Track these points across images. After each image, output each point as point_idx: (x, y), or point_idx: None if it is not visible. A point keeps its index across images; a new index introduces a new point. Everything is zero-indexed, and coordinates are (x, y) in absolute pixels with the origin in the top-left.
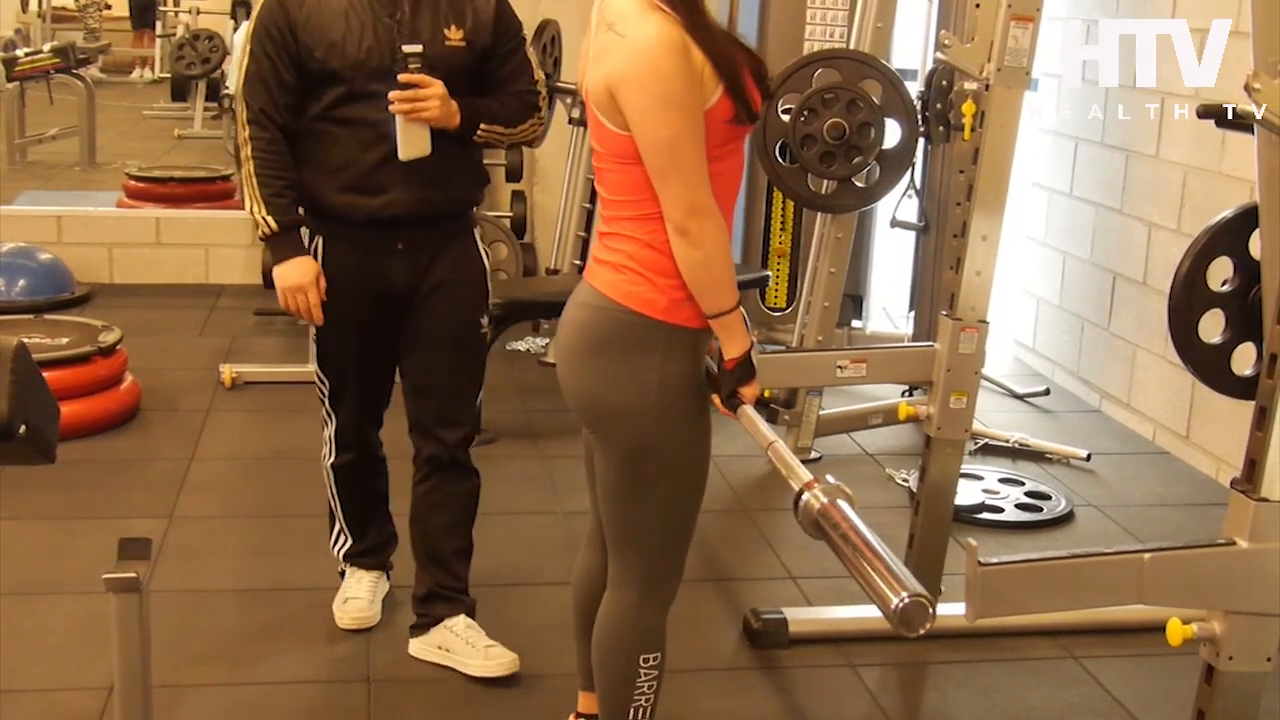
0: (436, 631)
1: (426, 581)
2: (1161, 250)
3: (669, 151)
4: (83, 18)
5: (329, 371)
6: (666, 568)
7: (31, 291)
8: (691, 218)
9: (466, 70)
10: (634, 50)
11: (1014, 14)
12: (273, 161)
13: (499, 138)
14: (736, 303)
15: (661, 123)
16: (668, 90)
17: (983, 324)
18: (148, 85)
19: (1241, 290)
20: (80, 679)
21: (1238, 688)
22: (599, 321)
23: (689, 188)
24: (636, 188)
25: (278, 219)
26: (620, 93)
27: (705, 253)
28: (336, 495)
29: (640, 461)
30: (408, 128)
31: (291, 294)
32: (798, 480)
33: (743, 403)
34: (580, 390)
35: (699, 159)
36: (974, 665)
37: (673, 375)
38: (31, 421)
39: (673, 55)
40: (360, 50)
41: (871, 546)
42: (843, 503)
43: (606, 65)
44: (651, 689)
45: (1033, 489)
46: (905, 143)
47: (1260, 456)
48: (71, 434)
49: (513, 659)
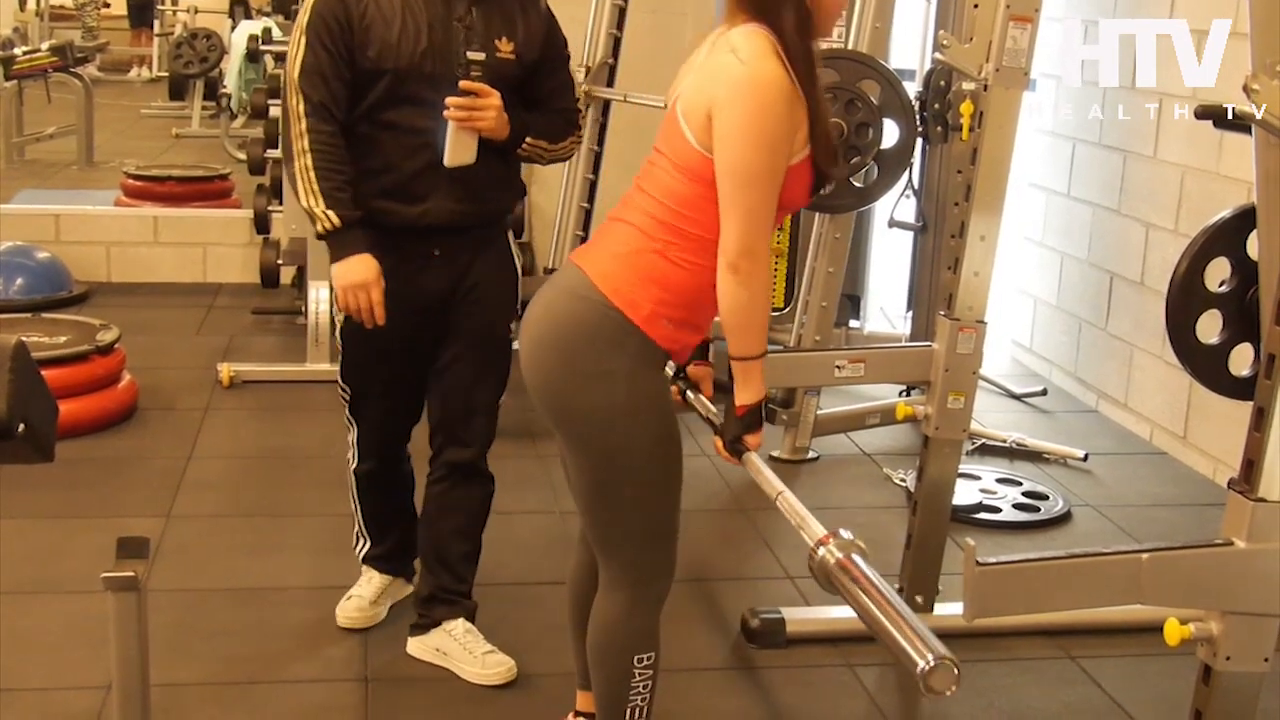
0: (436, 634)
1: (430, 582)
2: (1159, 251)
3: (747, 186)
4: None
5: (350, 380)
6: (654, 568)
7: (29, 290)
8: (745, 257)
9: (513, 83)
10: (751, 81)
11: (1012, 14)
12: (333, 155)
13: (541, 153)
14: (764, 351)
15: (751, 156)
16: (768, 129)
17: (980, 324)
18: (145, 84)
19: (1239, 291)
20: (78, 678)
21: (1235, 688)
22: (582, 313)
23: (753, 226)
24: (685, 202)
25: (340, 213)
26: (722, 115)
27: (751, 294)
28: (357, 500)
29: (611, 467)
30: (459, 135)
31: (353, 291)
32: (811, 535)
33: (748, 450)
34: (547, 380)
35: (770, 203)
36: (971, 665)
37: (640, 378)
38: (30, 420)
39: (784, 100)
40: (415, 53)
41: (894, 605)
42: (859, 558)
43: (717, 86)
44: (647, 688)
45: (1030, 489)
46: (903, 143)
47: (1258, 457)
48: (70, 433)
49: (509, 667)
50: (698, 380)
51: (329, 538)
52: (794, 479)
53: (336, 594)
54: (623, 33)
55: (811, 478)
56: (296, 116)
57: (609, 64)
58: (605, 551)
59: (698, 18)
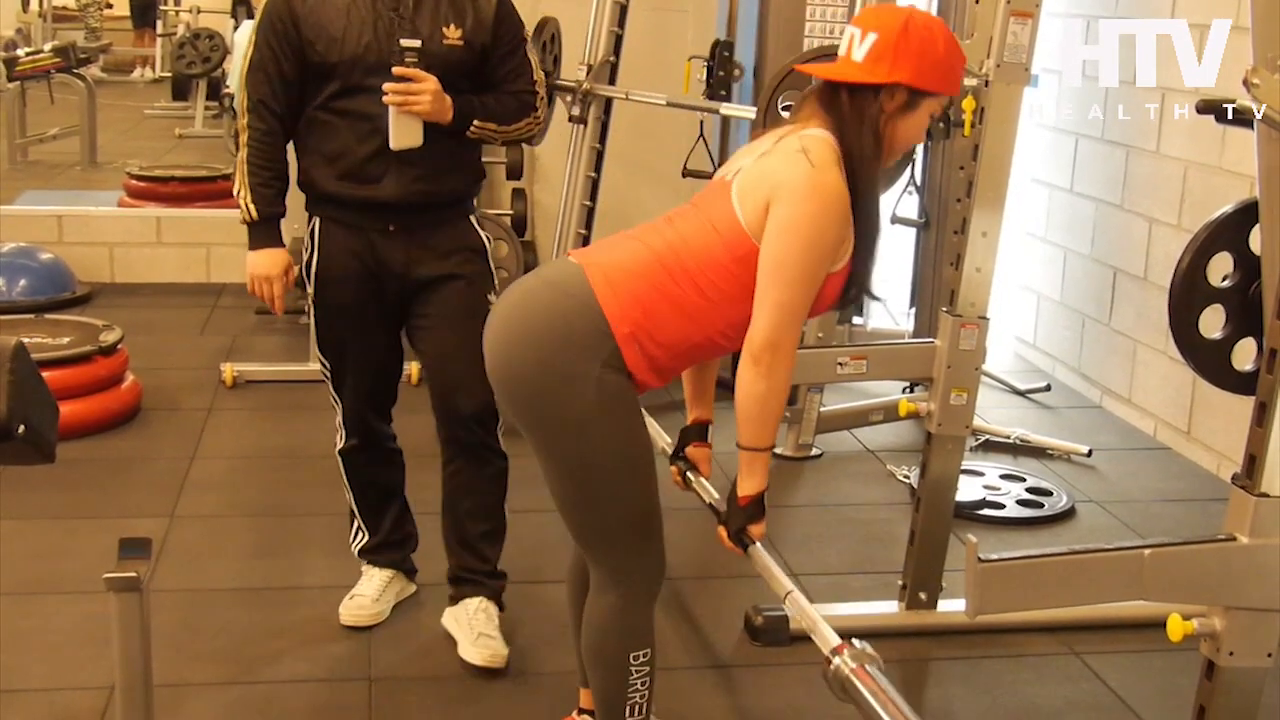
0: (459, 607)
1: (454, 563)
2: (1162, 246)
3: (788, 281)
4: (83, 17)
5: (328, 354)
6: (641, 565)
7: (33, 291)
8: (770, 350)
9: (464, 68)
10: (817, 185)
11: (1013, 10)
12: (266, 152)
13: (492, 135)
14: (772, 445)
15: (799, 255)
16: (821, 234)
17: (983, 320)
18: (148, 84)
19: (1242, 285)
20: (81, 679)
21: (1238, 683)
22: (566, 310)
23: (783, 322)
24: (711, 264)
25: (260, 208)
26: (780, 206)
27: (769, 388)
28: (349, 483)
29: (583, 471)
30: (400, 119)
31: (260, 282)
32: (825, 644)
33: (752, 542)
34: (515, 372)
35: (804, 304)
36: (975, 661)
37: (608, 382)
38: (30, 421)
39: (840, 210)
40: (359, 45)
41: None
42: (873, 669)
43: (782, 177)
44: (644, 685)
45: (1034, 485)
46: None
47: (1260, 452)
48: (72, 433)
49: (495, 653)
50: (696, 462)
51: (332, 537)
52: (798, 476)
53: (340, 593)
54: (624, 31)
55: (815, 474)
56: (240, 112)
57: (610, 62)
58: (589, 553)
59: (699, 16)
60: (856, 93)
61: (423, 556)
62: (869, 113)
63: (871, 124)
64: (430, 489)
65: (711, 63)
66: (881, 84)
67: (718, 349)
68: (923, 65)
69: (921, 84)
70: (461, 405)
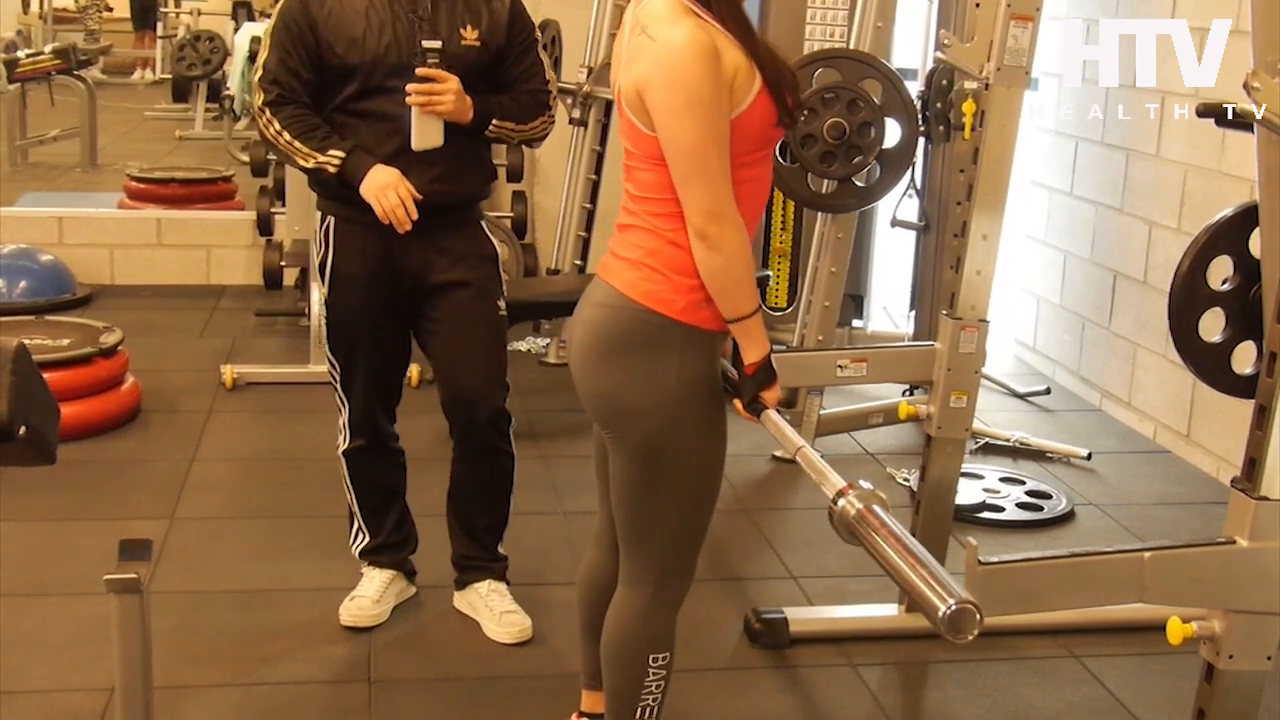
0: (469, 591)
1: (459, 550)
2: (1162, 249)
3: (693, 155)
4: (84, 19)
5: (338, 354)
6: (679, 567)
7: (33, 293)
8: (712, 222)
9: (480, 69)
10: (663, 54)
11: (1013, 13)
12: (305, 120)
13: (510, 134)
14: (757, 307)
15: (686, 127)
16: (694, 95)
17: (983, 323)
18: (149, 86)
19: (1242, 289)
20: (81, 680)
21: (1238, 686)
22: (616, 320)
23: (711, 192)
24: (665, 187)
25: (338, 149)
26: (648, 95)
27: (725, 256)
28: (350, 484)
29: (656, 460)
30: (422, 119)
31: (384, 193)
32: (831, 487)
33: (765, 407)
34: (597, 390)
35: (722, 164)
36: (975, 664)
37: (690, 375)
38: (32, 423)
39: (700, 59)
40: (380, 46)
41: (914, 552)
42: (879, 508)
43: (637, 68)
44: (659, 689)
45: (1033, 488)
46: (905, 142)
47: (1260, 455)
48: (73, 435)
49: (523, 627)
50: None
51: (332, 539)
52: (797, 479)
53: (340, 595)
54: None
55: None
56: (258, 113)
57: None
58: (636, 546)
59: None
60: None
61: (423, 558)
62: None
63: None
64: (429, 492)
65: None
66: None
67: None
68: None
69: None
70: (474, 412)
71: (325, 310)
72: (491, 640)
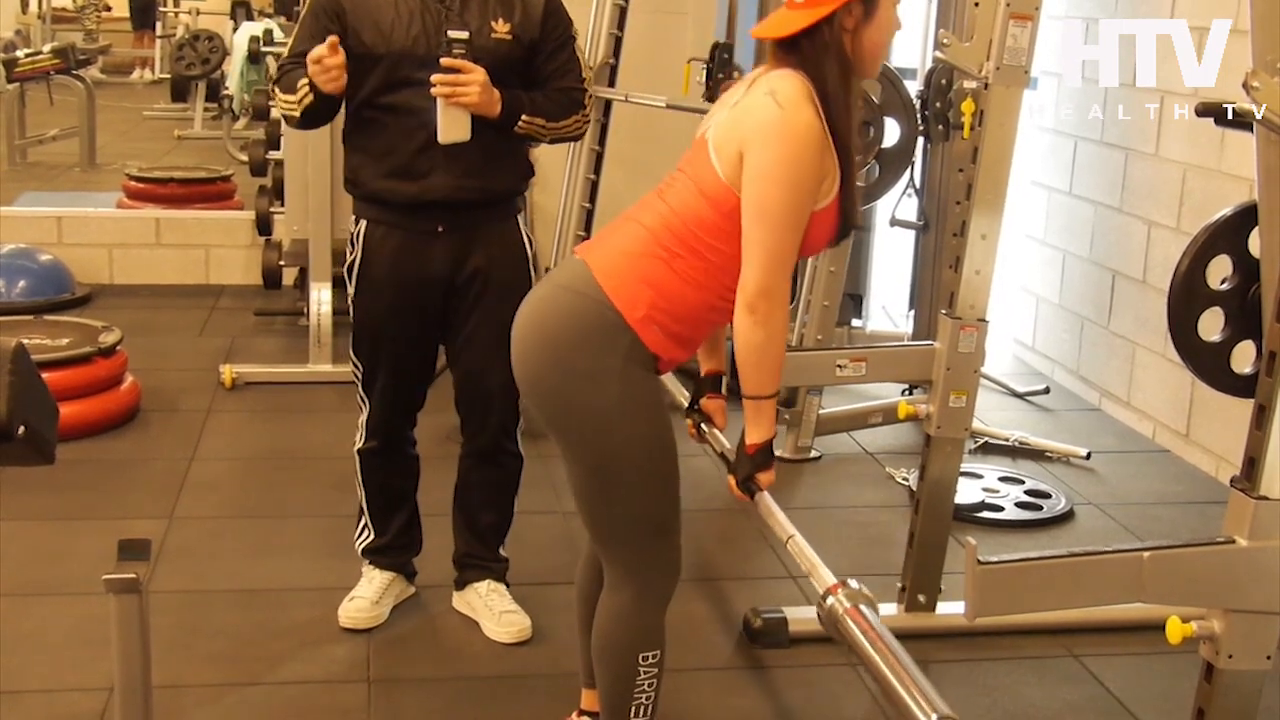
0: (468, 591)
1: (461, 547)
2: (1161, 248)
3: (772, 226)
4: (82, 19)
5: (362, 356)
6: (657, 566)
7: (32, 292)
8: (764, 298)
9: (512, 63)
10: (785, 127)
11: (1013, 13)
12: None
13: (541, 131)
14: (777, 391)
15: (776, 199)
16: (797, 174)
17: (982, 322)
18: (148, 86)
19: (1241, 288)
20: (80, 680)
21: (1237, 686)
22: (579, 310)
23: (772, 267)
24: (703, 225)
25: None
26: (753, 154)
27: (767, 334)
28: (362, 483)
29: (607, 466)
30: (448, 111)
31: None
32: (821, 583)
33: (759, 489)
34: (541, 381)
35: (792, 247)
36: (974, 664)
37: (633, 377)
38: (30, 423)
39: (815, 147)
40: (407, 37)
41: (899, 659)
42: (866, 609)
43: (752, 124)
44: (651, 686)
45: (1033, 487)
46: (904, 141)
47: (1259, 454)
48: (72, 435)
49: (522, 627)
50: (710, 414)
51: (332, 539)
52: (797, 478)
53: (339, 595)
54: (624, 33)
55: (814, 477)
56: (271, 92)
57: (610, 64)
58: (606, 551)
59: (698, 17)
60: (811, 32)
61: (423, 557)
62: (829, 42)
63: (836, 52)
64: (431, 491)
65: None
66: (831, 11)
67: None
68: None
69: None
70: (489, 414)
71: (352, 311)
72: (491, 640)
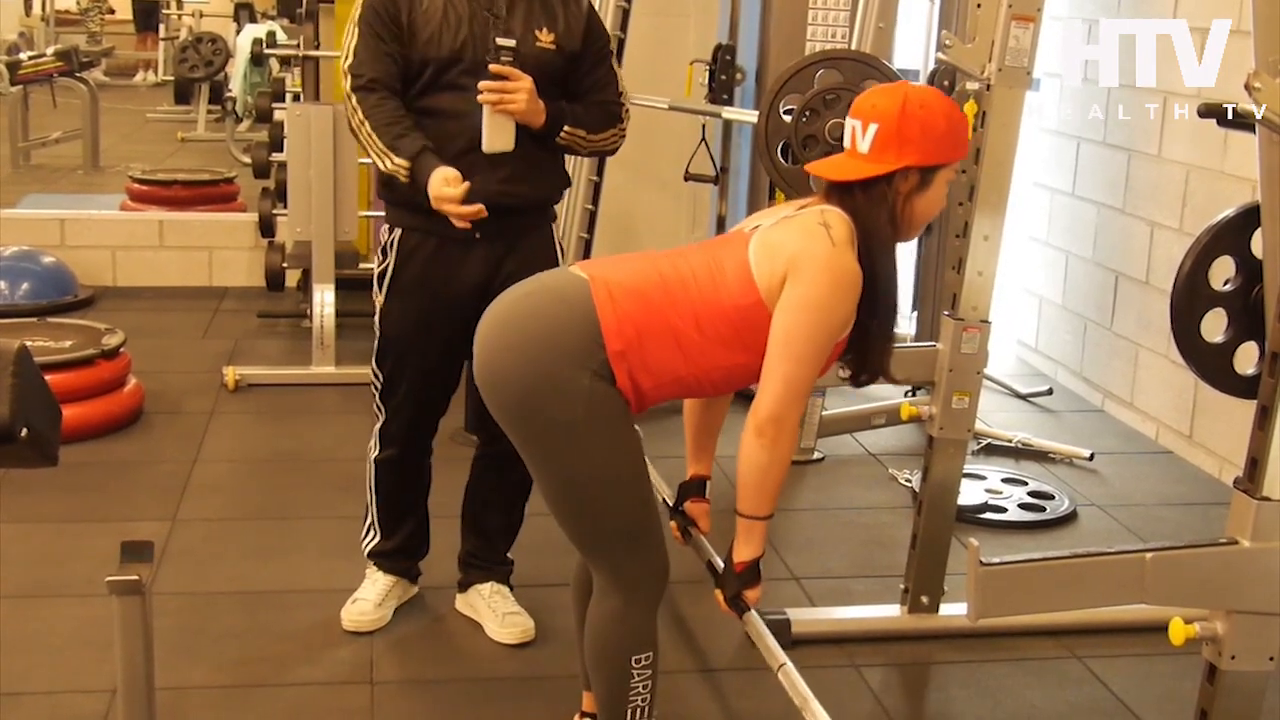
0: (471, 592)
1: (466, 546)
2: (1164, 249)
3: (796, 358)
4: (86, 21)
5: (384, 366)
6: (641, 570)
7: (35, 294)
8: (774, 424)
9: (554, 73)
10: (835, 264)
11: (1015, 14)
12: (386, 112)
13: (581, 143)
14: (771, 514)
15: (809, 335)
16: (831, 318)
17: (985, 324)
18: (151, 88)
19: (1244, 289)
20: (83, 682)
21: (1240, 687)
22: (562, 319)
23: (788, 397)
24: (718, 312)
25: (405, 157)
26: (799, 282)
27: (772, 459)
28: (374, 490)
29: (572, 480)
30: (494, 119)
31: (438, 204)
32: (813, 715)
33: (748, 608)
34: (511, 381)
35: (810, 381)
36: (977, 665)
37: (598, 394)
38: (33, 424)
39: (853, 291)
40: (456, 42)
41: None
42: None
43: (804, 248)
44: (646, 688)
45: (1035, 489)
46: None
47: (1262, 456)
48: (75, 437)
49: (525, 629)
50: (695, 517)
51: (335, 541)
52: (800, 480)
53: (342, 597)
54: (626, 35)
55: (817, 478)
56: (346, 98)
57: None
58: (589, 559)
59: (701, 20)
60: (869, 184)
61: (426, 559)
62: (884, 199)
63: (888, 209)
64: (434, 493)
65: (713, 66)
66: (892, 171)
67: (702, 390)
68: (927, 144)
69: (930, 161)
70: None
71: (379, 322)
72: (494, 641)
